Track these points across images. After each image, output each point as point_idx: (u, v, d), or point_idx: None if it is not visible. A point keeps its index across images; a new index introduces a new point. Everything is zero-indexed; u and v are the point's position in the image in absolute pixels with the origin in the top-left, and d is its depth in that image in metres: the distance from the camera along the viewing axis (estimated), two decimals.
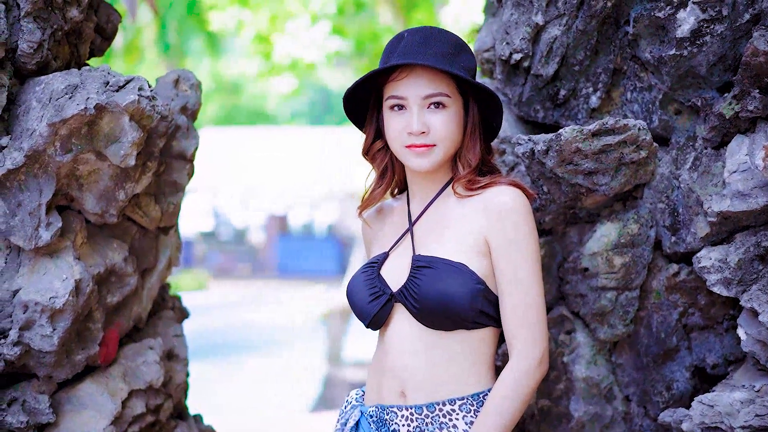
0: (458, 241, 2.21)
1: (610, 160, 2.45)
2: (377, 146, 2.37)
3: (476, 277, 2.17)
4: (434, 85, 2.22)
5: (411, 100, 2.22)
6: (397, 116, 2.25)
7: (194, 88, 2.83)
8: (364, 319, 2.29)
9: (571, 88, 2.66)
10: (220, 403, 9.54)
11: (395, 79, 2.24)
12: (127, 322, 2.76)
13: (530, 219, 2.20)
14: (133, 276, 2.70)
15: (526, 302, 2.17)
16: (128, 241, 2.74)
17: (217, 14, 12.29)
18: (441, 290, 2.15)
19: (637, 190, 2.60)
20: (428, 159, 2.24)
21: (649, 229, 2.57)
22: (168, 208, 2.80)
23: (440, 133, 2.23)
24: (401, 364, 2.23)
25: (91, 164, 2.51)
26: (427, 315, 2.18)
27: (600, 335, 2.64)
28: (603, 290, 2.60)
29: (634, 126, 2.43)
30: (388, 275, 2.29)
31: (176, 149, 2.79)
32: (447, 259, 2.18)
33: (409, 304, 2.20)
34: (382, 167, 2.40)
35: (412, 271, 2.21)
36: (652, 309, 2.62)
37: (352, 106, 2.36)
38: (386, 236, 2.41)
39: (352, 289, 2.34)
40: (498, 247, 2.18)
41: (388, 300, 2.25)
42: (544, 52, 2.62)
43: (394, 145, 2.28)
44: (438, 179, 2.33)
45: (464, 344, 2.20)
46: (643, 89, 2.62)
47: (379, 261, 2.33)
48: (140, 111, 2.45)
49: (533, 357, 2.16)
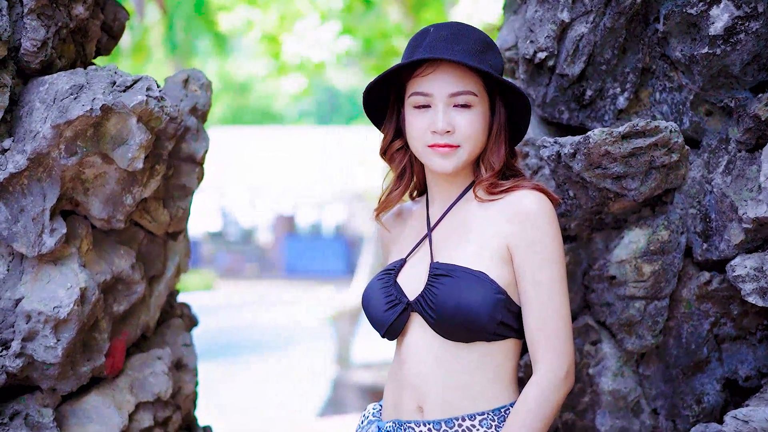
0: (479, 248, 2.11)
1: (639, 164, 2.34)
2: (396, 146, 2.27)
3: (497, 287, 2.06)
4: (462, 83, 2.12)
5: (436, 97, 2.12)
6: (421, 114, 2.14)
7: (204, 88, 2.72)
8: (380, 328, 2.20)
9: (597, 88, 2.55)
10: (226, 404, 9.47)
11: (420, 74, 2.14)
12: (135, 332, 2.66)
13: (555, 224, 2.09)
14: (141, 283, 2.60)
15: (551, 312, 2.06)
16: (135, 247, 2.64)
17: (225, 14, 12.20)
18: (459, 300, 2.04)
19: (667, 195, 2.49)
20: (452, 160, 2.14)
21: (679, 236, 2.46)
22: (177, 213, 2.69)
23: (466, 133, 2.12)
24: (418, 377, 2.12)
25: (97, 167, 2.41)
26: (445, 326, 2.08)
27: (627, 346, 2.53)
28: (631, 299, 2.48)
29: (665, 128, 2.31)
30: (405, 283, 2.19)
31: (185, 152, 2.69)
32: (466, 267, 2.08)
33: (426, 314, 2.10)
34: (400, 168, 2.29)
35: (430, 279, 2.11)
36: (682, 319, 2.51)
37: (371, 103, 2.25)
38: (405, 241, 2.31)
39: (368, 297, 2.24)
40: (521, 254, 2.08)
41: (404, 309, 2.15)
42: (570, 50, 2.51)
43: (415, 145, 2.18)
44: (459, 182, 2.23)
45: (484, 357, 2.09)
46: (673, 89, 2.50)
47: (396, 268, 2.23)
48: (148, 112, 2.34)
49: (559, 370, 2.05)
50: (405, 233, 2.33)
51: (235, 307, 18.00)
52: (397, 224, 2.38)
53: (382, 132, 2.30)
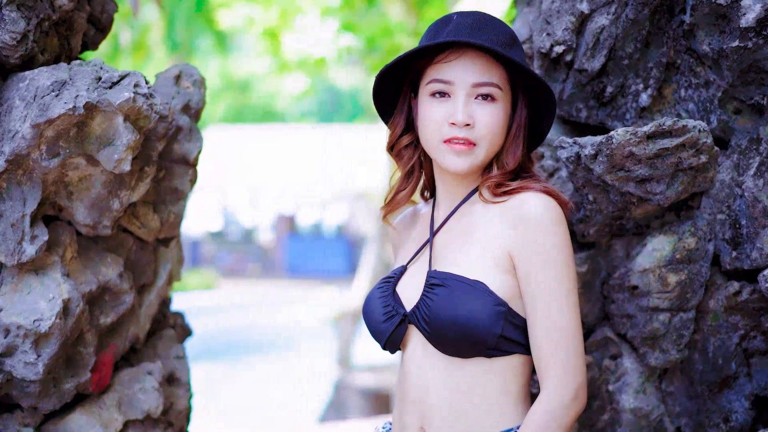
0: (478, 255, 1.94)
1: (666, 166, 2.17)
2: (405, 141, 2.10)
3: (495, 298, 1.89)
4: (487, 74, 1.95)
5: (458, 85, 1.95)
6: (439, 104, 1.97)
7: (198, 85, 2.55)
8: (380, 340, 2.06)
9: (618, 84, 2.38)
10: (226, 405, 9.35)
11: (442, 60, 1.96)
12: (123, 345, 2.49)
13: (563, 231, 1.91)
14: (129, 293, 2.43)
15: (559, 327, 1.88)
16: (124, 254, 2.47)
17: (225, 11, 12.04)
18: (454, 312, 1.88)
19: (694, 199, 2.32)
20: (468, 159, 1.97)
21: (707, 243, 2.29)
22: (168, 218, 2.52)
23: (486, 129, 1.95)
24: (419, 394, 1.97)
25: (82, 170, 2.24)
26: (440, 340, 1.92)
27: (650, 361, 2.36)
28: (655, 311, 2.31)
29: (693, 127, 2.14)
30: (403, 293, 2.03)
31: (177, 153, 2.52)
32: (461, 276, 1.91)
33: (421, 327, 1.95)
34: (408, 166, 2.12)
35: (425, 289, 1.95)
36: (709, 332, 2.34)
37: (381, 91, 2.08)
38: (409, 247, 2.16)
39: (368, 307, 2.10)
40: (523, 263, 1.90)
41: (401, 321, 1.99)
42: (590, 44, 2.34)
43: (429, 139, 2.00)
44: (467, 183, 2.06)
45: (488, 373, 1.93)
46: (700, 86, 2.33)
47: (396, 276, 2.08)
48: (136, 110, 2.17)
49: (568, 390, 1.87)
50: (411, 238, 2.18)
51: (236, 307, 17.91)
52: (408, 227, 2.23)
53: (389, 126, 2.12)
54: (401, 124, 2.09)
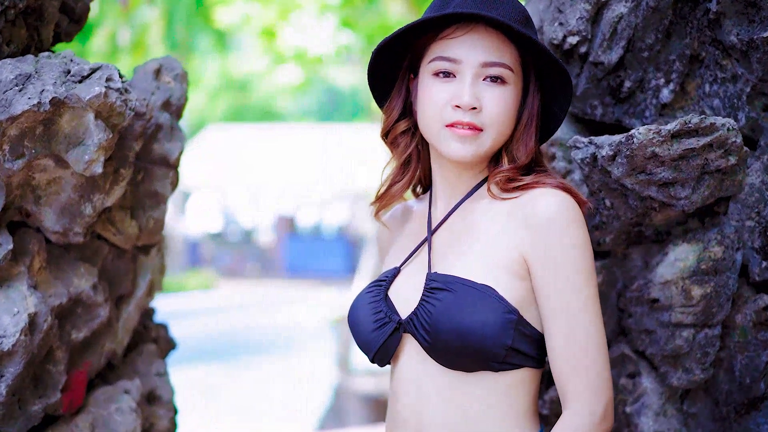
0: (486, 257, 1.73)
1: (691, 168, 1.97)
2: (402, 127, 1.89)
3: (506, 305, 1.68)
4: (498, 53, 1.75)
5: (466, 64, 1.75)
6: (443, 84, 1.77)
7: (179, 80, 2.35)
8: (368, 351, 1.84)
9: (637, 78, 2.18)
10: (226, 406, 9.21)
11: (448, 36, 1.76)
12: (98, 361, 2.29)
13: (582, 233, 1.71)
14: (104, 306, 2.23)
15: (583, 339, 1.69)
16: (99, 263, 2.27)
17: (223, 8, 11.87)
18: (459, 320, 1.68)
19: (720, 205, 2.12)
20: (472, 146, 1.76)
21: (735, 252, 2.09)
22: (147, 224, 2.32)
23: (494, 114, 1.75)
24: (414, 413, 1.77)
25: (50, 172, 2.04)
26: (442, 351, 1.71)
27: (672, 381, 2.16)
28: (678, 327, 2.12)
29: (722, 125, 1.94)
30: (398, 298, 1.82)
31: (158, 153, 2.32)
32: (469, 280, 1.70)
33: (420, 336, 1.74)
34: (405, 155, 1.91)
35: (425, 293, 1.74)
36: (736, 349, 2.14)
37: (377, 70, 1.87)
38: (402, 247, 1.94)
39: (355, 314, 1.88)
40: (541, 269, 1.70)
41: (395, 329, 1.78)
42: (607, 34, 2.14)
43: (430, 123, 1.79)
44: (469, 177, 1.86)
45: (492, 390, 1.73)
46: (726, 80, 2.14)
47: (387, 278, 1.86)
48: (108, 106, 1.98)
49: (595, 410, 1.68)
50: (404, 236, 1.97)
51: (235, 307, 17.77)
52: (399, 225, 2.02)
53: (385, 110, 1.91)
54: (398, 107, 1.89)
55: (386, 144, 1.94)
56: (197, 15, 15.52)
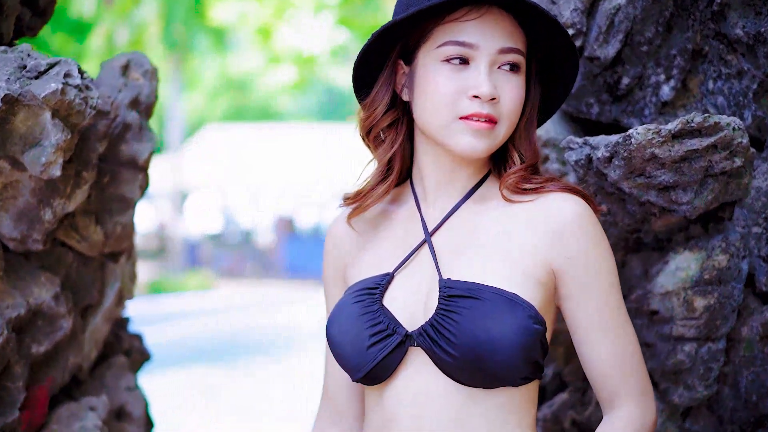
0: (503, 264, 1.60)
1: (693, 171, 1.83)
2: (388, 119, 1.72)
3: (536, 315, 1.57)
4: (512, 38, 1.63)
5: (483, 50, 1.61)
6: (455, 72, 1.61)
7: (149, 76, 2.21)
8: (359, 369, 1.64)
9: (636, 75, 2.04)
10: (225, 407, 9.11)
11: (460, 18, 1.61)
12: (61, 376, 2.16)
13: (605, 239, 1.66)
14: (67, 317, 2.09)
15: (627, 344, 1.66)
16: (62, 272, 2.13)
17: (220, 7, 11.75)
18: (491, 332, 1.53)
19: (724, 210, 1.98)
20: (487, 140, 1.62)
21: (740, 261, 1.96)
22: (114, 230, 2.18)
23: (511, 105, 1.63)
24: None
25: (6, 175, 1.91)
26: (465, 367, 1.56)
27: (673, 398, 2.02)
28: (679, 341, 1.98)
29: (727, 125, 1.80)
30: (396, 307, 1.65)
31: (125, 154, 2.18)
32: (496, 288, 1.56)
33: (438, 350, 1.57)
34: (391, 152, 1.73)
35: (443, 302, 1.58)
36: (741, 364, 2.01)
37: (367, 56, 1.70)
38: (385, 251, 1.74)
39: (338, 326, 1.68)
40: (578, 278, 1.61)
41: (400, 343, 1.61)
42: (603, 27, 2.00)
43: (438, 114, 1.63)
44: (467, 175, 1.71)
45: (507, 406, 1.60)
46: (731, 77, 2.00)
47: (380, 286, 1.67)
48: (66, 104, 1.84)
49: (650, 413, 1.67)
50: (381, 240, 1.77)
51: (234, 308, 17.67)
52: (368, 228, 1.81)
53: (368, 102, 1.73)
54: (386, 99, 1.70)
55: (367, 142, 1.78)
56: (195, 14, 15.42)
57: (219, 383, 10.41)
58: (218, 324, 15.19)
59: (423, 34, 1.65)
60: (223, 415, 8.70)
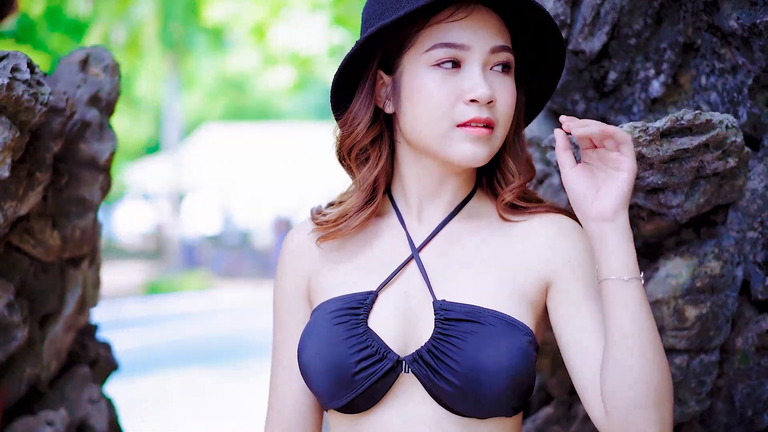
0: (502, 284, 1.52)
1: (684, 172, 1.71)
2: (371, 135, 1.59)
3: (533, 339, 1.48)
4: (503, 36, 1.54)
5: (475, 51, 1.51)
6: (447, 77, 1.50)
7: (110, 72, 2.09)
8: (339, 397, 1.51)
9: (624, 69, 1.93)
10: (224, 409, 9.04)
11: (447, 19, 1.50)
12: (17, 388, 2.04)
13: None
14: (22, 327, 1.98)
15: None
16: (17, 279, 2.02)
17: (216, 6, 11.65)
18: (493, 358, 1.44)
19: (718, 213, 1.87)
20: (486, 147, 1.52)
21: (735, 268, 1.84)
22: (73, 234, 2.07)
23: (507, 107, 1.54)
24: None
25: None
26: (464, 395, 1.45)
27: None
28: (670, 353, 1.87)
29: (720, 122, 1.69)
30: (383, 329, 1.52)
31: (85, 154, 2.06)
32: (498, 312, 1.47)
33: (435, 378, 1.46)
34: (377, 171, 1.60)
35: (440, 326, 1.47)
36: (736, 377, 1.90)
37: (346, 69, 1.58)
38: (359, 267, 1.61)
39: (316, 351, 1.53)
40: (570, 281, 1.52)
41: (390, 369, 1.49)
42: (588, 18, 1.88)
43: (433, 124, 1.51)
44: (453, 188, 1.61)
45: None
46: (725, 72, 1.88)
47: (363, 305, 1.54)
48: (13, 100, 1.72)
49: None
50: (351, 255, 1.63)
51: (232, 309, 17.58)
52: (337, 245, 1.66)
53: (348, 120, 1.59)
54: (368, 114, 1.58)
55: (346, 163, 1.64)
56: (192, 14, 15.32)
57: (217, 384, 10.34)
58: (216, 325, 15.11)
59: (407, 40, 1.54)
60: (220, 415, 8.63)
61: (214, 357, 12.00)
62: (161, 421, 7.82)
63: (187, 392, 9.69)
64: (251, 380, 11.05)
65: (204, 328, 14.62)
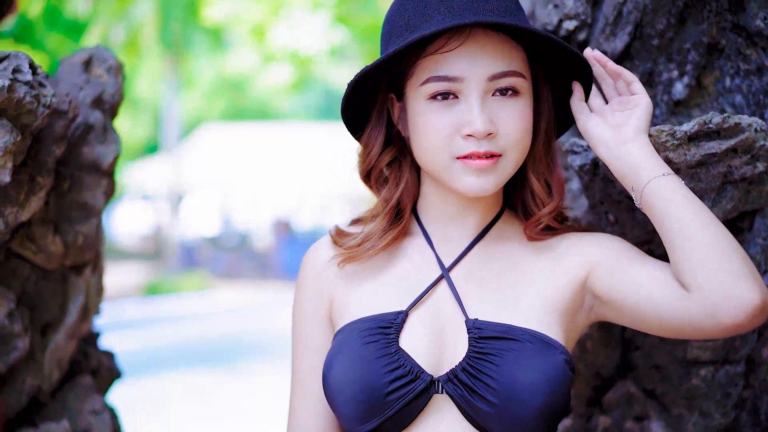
0: (534, 302, 1.50)
1: (711, 177, 1.65)
2: (386, 158, 1.58)
3: (570, 358, 1.46)
4: (505, 59, 1.47)
5: (470, 82, 1.45)
6: (443, 110, 1.47)
7: (113, 73, 2.03)
8: (371, 419, 1.46)
9: (646, 71, 1.87)
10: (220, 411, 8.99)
11: (440, 50, 1.45)
12: (18, 400, 1.97)
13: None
14: (23, 337, 1.91)
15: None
16: (18, 287, 1.95)
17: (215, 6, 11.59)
18: (531, 376, 1.41)
19: (743, 220, 1.80)
20: (492, 178, 1.48)
21: (762, 276, 1.77)
22: (75, 240, 2.00)
23: (513, 134, 1.48)
24: None
25: None
26: (501, 415, 1.41)
27: (687, 426, 1.85)
28: (694, 364, 1.81)
29: (749, 126, 1.62)
30: (414, 348, 1.48)
31: (88, 158, 2.00)
32: (530, 329, 1.45)
33: (472, 397, 1.42)
34: (398, 192, 1.58)
35: (475, 344, 1.44)
36: (762, 389, 1.84)
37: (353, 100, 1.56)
38: (387, 286, 1.57)
39: (345, 371, 1.48)
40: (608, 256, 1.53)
41: (424, 389, 1.45)
42: (610, 18, 1.82)
43: (434, 156, 1.49)
44: (481, 208, 1.58)
45: None
46: (750, 73, 1.82)
47: (393, 325, 1.50)
48: (15, 103, 1.66)
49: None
50: (378, 275, 1.60)
51: (231, 310, 17.54)
52: (362, 264, 1.62)
53: (363, 144, 1.60)
54: (380, 138, 1.58)
55: (369, 183, 1.63)
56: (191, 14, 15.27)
57: (216, 385, 10.31)
58: (215, 326, 15.08)
59: (406, 70, 1.52)
60: (220, 417, 8.60)
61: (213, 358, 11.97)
62: (161, 422, 7.78)
63: (186, 393, 9.65)
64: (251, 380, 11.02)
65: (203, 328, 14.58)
